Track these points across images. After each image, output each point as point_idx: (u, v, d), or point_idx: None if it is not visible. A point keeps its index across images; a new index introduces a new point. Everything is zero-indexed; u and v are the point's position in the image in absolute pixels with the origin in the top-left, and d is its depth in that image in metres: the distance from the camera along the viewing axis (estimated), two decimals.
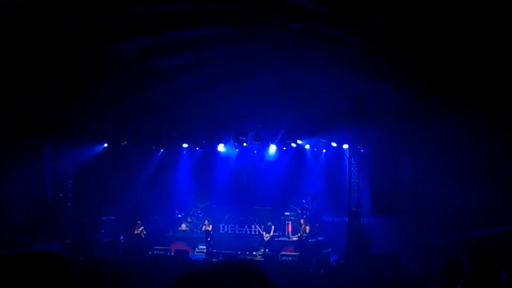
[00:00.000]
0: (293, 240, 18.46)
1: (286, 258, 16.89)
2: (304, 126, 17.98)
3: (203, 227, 18.90)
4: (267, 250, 18.04)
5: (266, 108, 17.71)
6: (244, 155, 20.48)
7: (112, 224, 19.85)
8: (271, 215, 18.97)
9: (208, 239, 18.57)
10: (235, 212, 19.71)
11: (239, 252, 18.13)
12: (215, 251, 17.79)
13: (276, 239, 18.45)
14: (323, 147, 19.39)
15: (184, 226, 20.04)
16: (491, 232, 14.12)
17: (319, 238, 18.78)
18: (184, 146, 20.45)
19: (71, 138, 18.47)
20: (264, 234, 18.49)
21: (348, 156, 17.73)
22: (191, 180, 21.24)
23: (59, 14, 12.56)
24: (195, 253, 18.57)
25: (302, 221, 18.08)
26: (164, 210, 21.02)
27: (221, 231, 19.50)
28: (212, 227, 18.82)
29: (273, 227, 18.43)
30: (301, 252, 17.15)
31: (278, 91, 17.93)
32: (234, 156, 20.76)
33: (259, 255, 18.10)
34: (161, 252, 17.78)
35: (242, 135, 18.15)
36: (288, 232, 19.00)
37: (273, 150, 19.49)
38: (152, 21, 13.64)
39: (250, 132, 18.22)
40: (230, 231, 19.60)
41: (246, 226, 19.48)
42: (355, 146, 17.52)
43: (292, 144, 19.08)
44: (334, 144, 18.44)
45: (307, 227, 17.81)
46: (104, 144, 19.77)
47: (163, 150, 21.01)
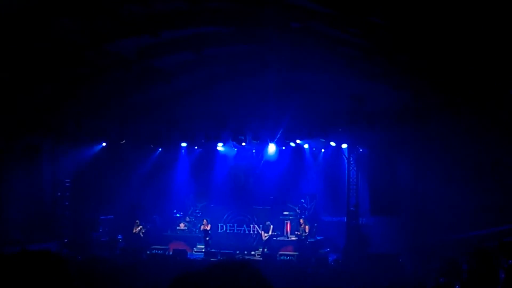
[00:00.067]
0: (291, 240, 18.46)
1: (285, 257, 16.89)
2: (303, 125, 17.96)
3: (202, 227, 18.88)
4: (265, 250, 18.03)
5: (265, 108, 17.69)
6: (243, 154, 20.47)
7: (110, 223, 19.82)
8: (270, 215, 18.95)
9: (207, 239, 18.55)
10: (234, 211, 19.69)
11: (237, 252, 18.11)
12: (213, 250, 17.78)
13: (274, 238, 18.44)
14: (322, 147, 19.38)
15: (182, 225, 20.02)
16: (489, 232, 14.13)
17: (318, 238, 18.77)
18: (183, 145, 20.43)
19: (70, 137, 18.44)
20: (263, 233, 18.48)
21: (347, 156, 17.73)
22: (190, 179, 21.22)
23: (57, 14, 12.53)
24: (194, 252, 18.56)
25: (302, 220, 18.07)
26: (162, 210, 21.00)
27: (219, 231, 19.49)
28: (210, 226, 18.80)
29: (271, 227, 18.42)
30: (299, 252, 17.14)
31: (278, 90, 17.90)
32: (232, 155, 20.75)
33: (258, 254, 18.09)
34: (159, 252, 17.76)
35: (241, 135, 18.12)
36: (286, 232, 18.99)
37: (273, 150, 19.47)
38: (151, 19, 13.61)
39: (249, 131, 18.20)
40: (228, 231, 19.58)
41: (244, 226, 19.47)
42: (354, 145, 17.52)
43: (291, 143, 19.08)
44: (333, 143, 18.43)
45: (306, 227, 17.80)
46: (102, 144, 19.75)
47: (161, 149, 20.99)
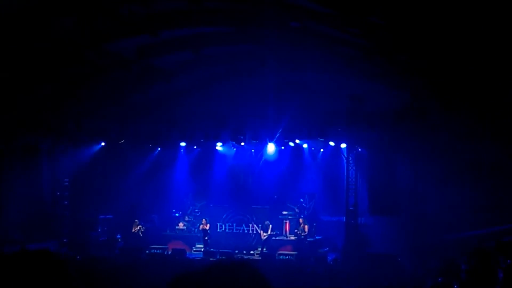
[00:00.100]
0: (290, 239, 18.47)
1: (284, 257, 16.90)
2: (303, 125, 17.97)
3: (201, 226, 18.88)
4: (264, 249, 18.03)
5: (264, 107, 17.68)
6: (242, 154, 20.46)
7: (109, 222, 19.81)
8: (269, 214, 18.95)
9: (206, 238, 18.55)
10: (233, 211, 19.69)
11: (236, 251, 18.11)
12: (212, 250, 17.78)
13: (273, 238, 18.45)
14: (321, 147, 19.39)
15: (181, 225, 20.02)
16: (488, 232, 14.15)
17: (317, 237, 18.77)
18: (182, 144, 20.41)
19: (69, 137, 18.44)
20: (262, 233, 18.49)
21: (346, 156, 17.74)
22: (189, 178, 21.22)
23: (57, 14, 12.52)
24: (193, 252, 18.55)
25: (301, 220, 18.07)
26: (161, 209, 20.99)
27: (218, 230, 19.49)
28: (209, 226, 18.80)
29: (270, 226, 18.42)
30: (298, 251, 17.15)
31: (277, 90, 17.90)
32: (232, 155, 20.75)
33: (257, 254, 18.09)
34: (158, 251, 17.76)
35: (240, 134, 18.12)
36: (285, 231, 18.99)
37: (272, 149, 19.47)
38: (150, 19, 13.60)
39: (248, 131, 18.20)
40: (227, 230, 19.58)
41: (243, 225, 19.47)
42: (353, 145, 17.52)
43: (290, 143, 19.08)
44: (332, 143, 18.44)
45: (306, 226, 17.80)
46: (101, 143, 19.75)
47: (160, 148, 20.98)
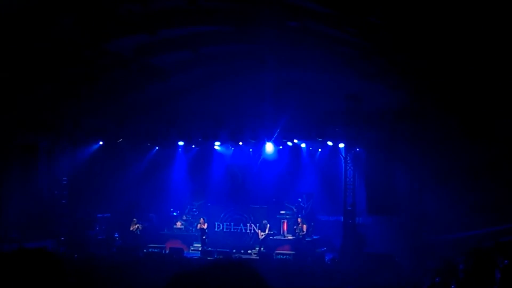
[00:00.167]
0: (288, 239, 18.47)
1: (281, 256, 16.90)
2: (301, 124, 17.97)
3: (198, 225, 18.87)
4: (262, 249, 18.03)
5: (262, 107, 17.69)
6: (240, 153, 20.45)
7: (107, 221, 19.79)
8: (267, 214, 18.95)
9: (203, 237, 18.55)
10: (231, 210, 19.68)
11: (234, 251, 18.11)
12: (210, 249, 17.78)
13: (271, 237, 18.45)
14: (319, 146, 19.39)
15: (179, 224, 20.00)
16: (485, 232, 14.18)
17: (314, 237, 18.78)
18: (180, 143, 20.40)
19: (67, 135, 18.43)
20: (259, 232, 18.49)
21: (344, 155, 17.75)
22: (187, 178, 21.20)
23: (55, 13, 12.49)
24: (190, 251, 18.54)
25: (300, 219, 18.07)
26: (159, 208, 20.97)
27: (216, 229, 19.48)
28: (207, 225, 18.80)
29: (268, 226, 18.43)
30: (296, 251, 17.15)
31: (275, 89, 17.90)
32: (230, 154, 20.74)
33: (254, 253, 18.09)
34: (156, 250, 17.74)
35: (238, 134, 18.11)
36: (283, 231, 19.00)
37: (271, 149, 19.47)
38: (149, 18, 13.59)
39: (246, 130, 18.19)
40: (225, 229, 19.57)
41: (241, 225, 19.46)
42: (351, 145, 17.53)
43: (288, 142, 19.08)
44: (330, 143, 18.45)
45: (304, 226, 17.80)
46: (99, 142, 19.72)
47: (158, 147, 20.96)
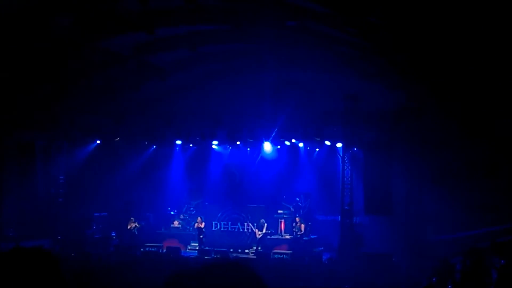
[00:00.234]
0: (286, 238, 18.47)
1: (279, 256, 16.90)
2: (299, 124, 17.97)
3: (196, 224, 18.86)
4: (259, 248, 18.03)
5: (261, 106, 17.68)
6: (237, 152, 20.45)
7: (104, 220, 19.76)
8: (264, 213, 18.95)
9: (201, 237, 18.53)
10: (228, 209, 19.67)
11: (231, 250, 18.10)
12: (207, 248, 17.77)
13: (268, 237, 18.45)
14: (317, 146, 19.40)
15: (176, 223, 19.98)
16: (482, 232, 14.20)
17: (312, 236, 18.79)
18: (178, 142, 20.38)
19: (64, 134, 18.38)
20: (257, 231, 18.49)
21: (341, 155, 17.75)
22: (184, 177, 21.18)
23: (53, 11, 12.44)
24: (187, 250, 18.52)
25: (298, 219, 18.08)
26: (156, 207, 20.95)
27: (213, 229, 19.47)
28: (204, 224, 18.78)
29: (265, 225, 18.43)
30: (293, 250, 17.15)
31: (273, 89, 17.90)
32: (227, 153, 20.73)
33: (252, 253, 18.09)
34: (153, 249, 17.72)
35: (236, 133, 18.09)
36: (281, 230, 19.00)
37: (269, 148, 19.46)
38: (146, 17, 13.55)
39: (244, 129, 18.17)
40: (222, 229, 19.56)
41: (238, 224, 19.45)
42: (349, 145, 17.54)
43: (286, 142, 19.08)
44: (328, 142, 18.46)
45: (302, 225, 17.80)
46: (96, 141, 19.68)
47: (156, 146, 20.93)
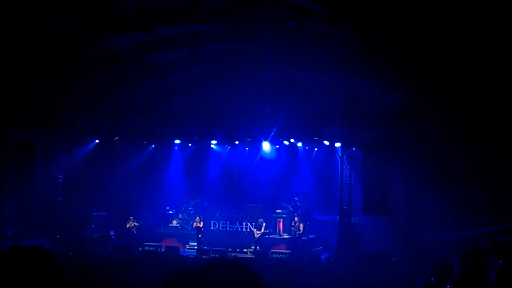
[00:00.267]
0: (284, 238, 18.48)
1: (277, 255, 16.91)
2: (298, 124, 17.98)
3: (194, 224, 18.86)
4: (258, 248, 18.04)
5: (260, 106, 17.68)
6: (236, 152, 20.45)
7: (103, 219, 19.75)
8: (263, 213, 18.95)
9: (199, 236, 18.53)
10: (227, 209, 19.67)
11: (230, 249, 18.10)
12: (206, 248, 17.77)
13: (267, 236, 18.46)
14: (316, 145, 19.41)
15: (175, 222, 19.98)
16: (480, 232, 14.23)
17: (310, 236, 18.80)
18: (176, 142, 20.38)
19: (63, 133, 18.37)
20: (255, 231, 18.49)
21: (340, 155, 17.77)
22: (183, 176, 21.18)
23: (52, 11, 12.43)
24: (186, 249, 18.53)
25: (296, 218, 18.08)
26: (155, 206, 20.94)
27: (212, 228, 19.47)
28: (203, 223, 18.78)
29: (264, 224, 18.43)
30: (292, 250, 17.16)
31: (272, 88, 17.90)
32: (226, 153, 20.73)
33: (250, 252, 18.09)
34: (151, 249, 17.72)
35: (235, 133, 18.09)
36: (279, 230, 19.01)
37: (267, 148, 19.47)
38: (145, 16, 13.55)
39: (243, 129, 18.17)
40: (221, 228, 19.56)
41: (237, 223, 19.46)
42: (348, 144, 17.55)
43: (285, 142, 19.08)
44: (326, 142, 18.47)
45: (301, 225, 17.81)
46: (95, 140, 19.68)
47: (155, 146, 20.93)
